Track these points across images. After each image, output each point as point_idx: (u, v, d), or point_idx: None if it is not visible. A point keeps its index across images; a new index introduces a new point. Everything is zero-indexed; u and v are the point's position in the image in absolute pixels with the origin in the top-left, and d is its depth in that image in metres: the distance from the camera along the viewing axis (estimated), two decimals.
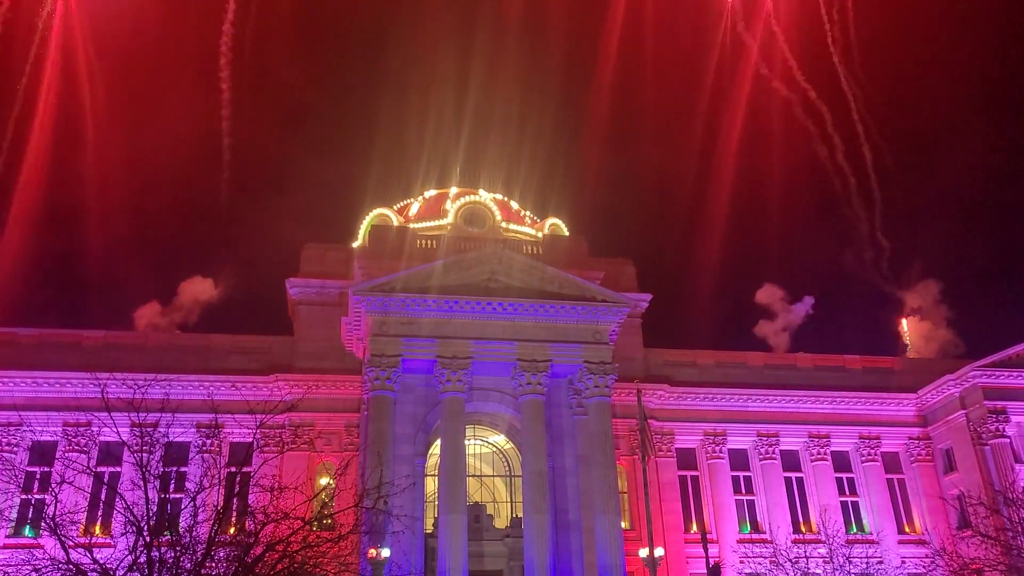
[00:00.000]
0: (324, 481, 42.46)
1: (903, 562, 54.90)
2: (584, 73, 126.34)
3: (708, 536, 48.94)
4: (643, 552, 44.84)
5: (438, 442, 51.62)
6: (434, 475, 52.82)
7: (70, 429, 51.59)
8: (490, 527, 52.26)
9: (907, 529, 61.19)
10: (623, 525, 51.43)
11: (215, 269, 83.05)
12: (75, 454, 48.78)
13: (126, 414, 27.53)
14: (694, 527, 57.12)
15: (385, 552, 41.83)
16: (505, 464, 57.30)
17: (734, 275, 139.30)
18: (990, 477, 56.33)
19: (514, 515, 53.53)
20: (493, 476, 58.37)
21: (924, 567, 50.04)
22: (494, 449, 57.66)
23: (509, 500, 56.19)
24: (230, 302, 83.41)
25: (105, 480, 31.70)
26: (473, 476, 55.51)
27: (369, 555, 40.91)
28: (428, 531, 49.87)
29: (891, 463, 63.41)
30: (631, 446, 55.48)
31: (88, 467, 29.57)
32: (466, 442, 51.07)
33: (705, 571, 44.83)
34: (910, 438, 63.51)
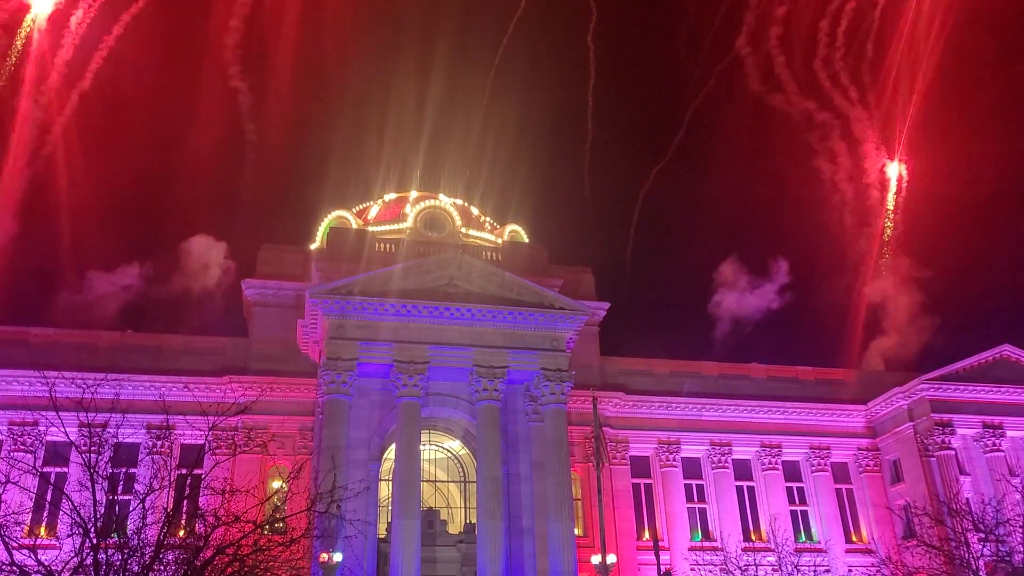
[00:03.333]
0: (277, 484, 42.16)
1: (850, 570, 55.93)
2: (547, 80, 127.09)
3: (660, 543, 49.39)
4: (596, 559, 45.07)
5: (393, 447, 51.37)
6: (388, 480, 52.55)
7: (16, 428, 50.43)
8: (444, 533, 52.09)
9: (854, 538, 62.26)
10: (576, 532, 51.61)
11: (165, 268, 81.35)
12: (21, 453, 47.65)
13: (74, 414, 27.03)
14: (646, 534, 57.61)
15: (337, 556, 41.51)
16: (460, 470, 57.21)
17: (692, 285, 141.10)
18: (935, 488, 57.52)
19: (468, 521, 53.41)
20: (448, 481, 58.24)
21: (870, 575, 51.01)
22: (449, 454, 57.54)
23: (463, 506, 56.08)
24: (183, 302, 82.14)
25: (51, 481, 31.06)
26: (428, 481, 55.36)
27: (321, 559, 40.56)
28: (381, 536, 49.58)
29: (840, 473, 64.53)
30: (586, 453, 55.75)
31: (34, 467, 28.90)
32: (421, 447, 50.87)
33: None
34: (859, 449, 64.71)
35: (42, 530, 40.52)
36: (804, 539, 60.56)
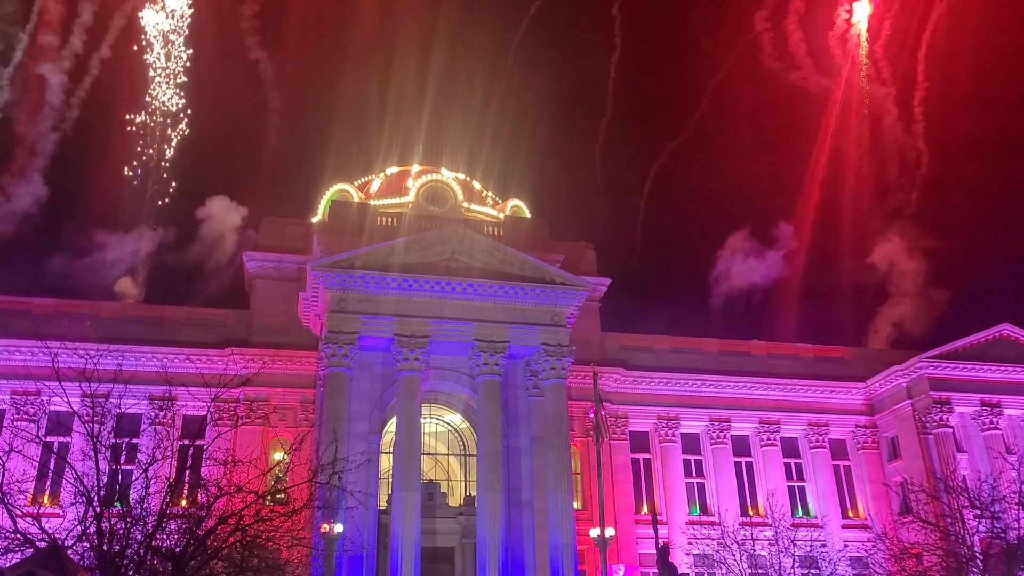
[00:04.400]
0: (278, 456, 42.41)
1: (846, 545, 56.32)
2: (550, 55, 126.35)
3: (658, 517, 49.69)
4: (594, 532, 45.41)
5: (393, 420, 51.65)
6: (389, 452, 52.88)
7: (19, 398, 50.80)
8: (443, 505, 52.51)
9: (851, 514, 62.73)
10: (575, 505, 52.00)
11: (171, 240, 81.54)
12: (24, 423, 48.01)
13: (77, 384, 27.18)
14: (645, 508, 58.02)
15: (338, 527, 41.85)
16: (460, 443, 57.55)
17: (694, 262, 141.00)
18: (932, 465, 57.82)
19: (468, 494, 53.82)
20: (448, 455, 58.61)
21: (866, 551, 51.39)
22: (450, 428, 57.85)
23: (463, 479, 56.47)
24: (185, 274, 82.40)
25: (54, 450, 31.30)
26: (428, 454, 55.69)
27: (322, 530, 40.88)
28: (382, 508, 49.98)
29: (838, 450, 64.89)
30: (585, 428, 56.01)
31: (37, 436, 29.11)
32: (422, 420, 51.18)
33: (654, 551, 45.51)
34: (857, 426, 65.01)
35: (45, 499, 40.77)
36: (801, 514, 60.96)
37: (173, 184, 76.87)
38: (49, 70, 75.78)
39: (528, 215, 65.72)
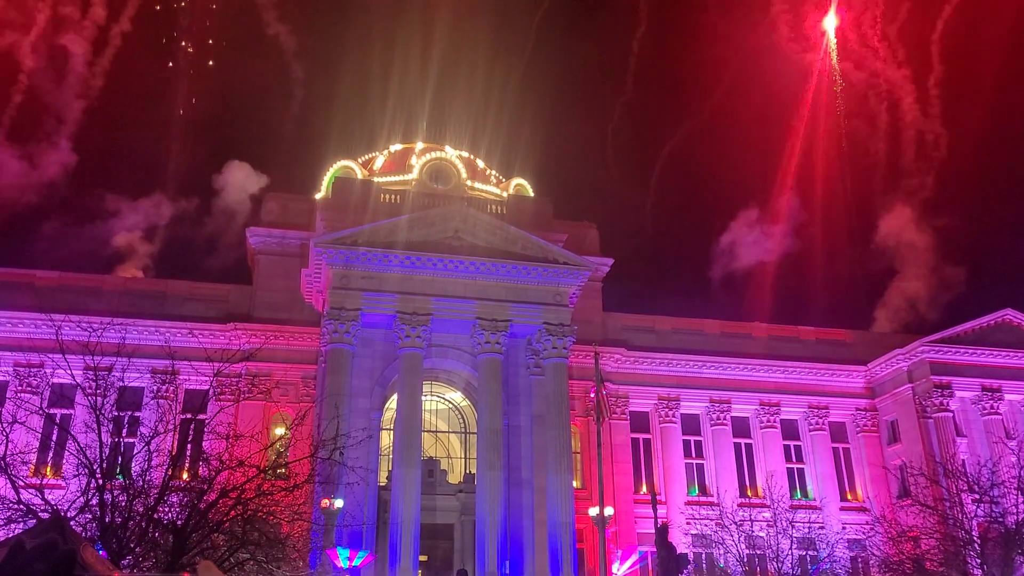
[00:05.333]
0: (280, 431, 42.55)
1: (844, 528, 56.53)
2: (555, 32, 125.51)
3: (657, 498, 49.89)
4: (593, 511, 45.66)
5: (395, 397, 51.80)
6: (390, 429, 53.08)
7: (22, 369, 50.96)
8: (443, 482, 52.79)
9: (849, 496, 62.96)
10: (575, 484, 52.25)
11: (177, 215, 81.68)
12: (27, 395, 48.13)
13: (80, 357, 27.22)
14: (644, 488, 58.25)
15: (339, 502, 42.14)
16: (461, 421, 57.75)
17: (699, 243, 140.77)
18: (931, 449, 57.98)
19: (467, 471, 54.09)
20: (448, 432, 58.84)
21: (864, 533, 51.60)
22: (450, 406, 58.03)
23: (463, 456, 56.74)
24: (188, 248, 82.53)
25: (57, 422, 31.39)
26: (428, 431, 55.90)
27: (323, 505, 41.17)
28: (382, 484, 50.25)
29: (838, 432, 65.02)
30: (586, 407, 56.19)
31: (40, 408, 29.18)
32: (423, 398, 51.35)
33: (653, 531, 45.75)
34: (857, 409, 65.11)
35: (48, 470, 40.91)
36: (800, 496, 61.19)
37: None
38: (71, 40, 76.62)
39: (531, 193, 65.55)
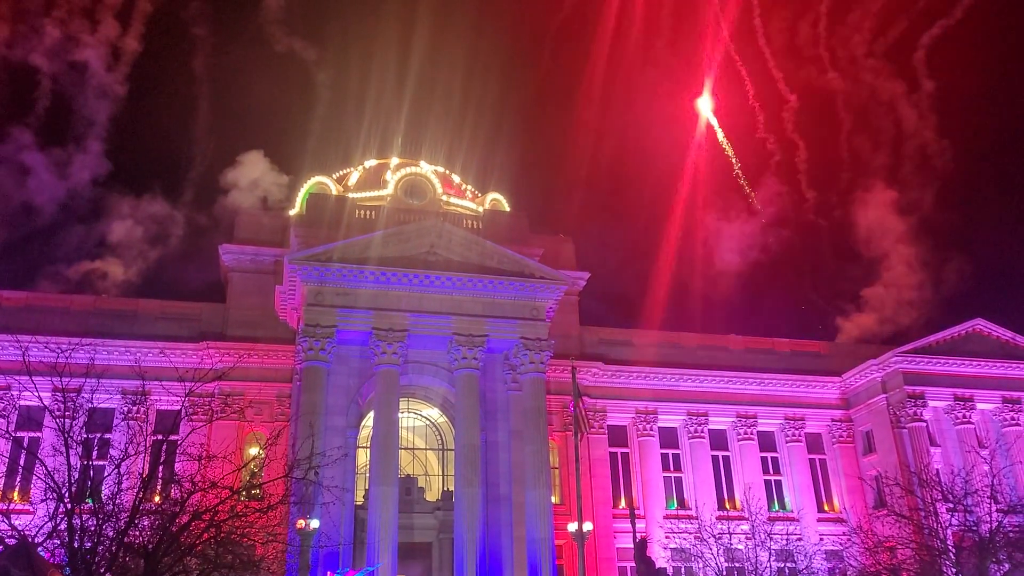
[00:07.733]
0: (254, 451, 42.04)
1: (821, 539, 56.79)
2: (529, 48, 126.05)
3: (636, 512, 49.76)
4: (572, 526, 45.41)
5: (371, 414, 51.39)
6: (366, 447, 52.62)
7: None
8: (421, 500, 52.36)
9: (826, 508, 63.18)
10: (553, 499, 51.98)
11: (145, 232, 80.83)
12: None
13: (48, 378, 26.73)
14: (623, 502, 58.19)
15: (314, 523, 41.57)
16: (438, 437, 57.37)
17: (674, 256, 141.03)
18: (906, 459, 58.35)
19: (445, 488, 53.68)
20: (426, 449, 58.44)
21: (841, 544, 51.93)
22: (427, 422, 57.66)
23: (441, 473, 56.33)
24: (160, 267, 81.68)
25: (24, 445, 30.80)
26: (405, 449, 55.51)
27: (298, 526, 40.59)
28: (358, 503, 49.71)
29: (814, 444, 65.30)
30: (564, 422, 56.06)
31: (7, 432, 28.61)
32: (400, 414, 50.96)
33: (632, 546, 45.62)
34: (833, 420, 65.45)
35: (15, 495, 40.27)
36: (777, 508, 61.37)
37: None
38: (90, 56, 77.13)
39: (507, 208, 65.54)
